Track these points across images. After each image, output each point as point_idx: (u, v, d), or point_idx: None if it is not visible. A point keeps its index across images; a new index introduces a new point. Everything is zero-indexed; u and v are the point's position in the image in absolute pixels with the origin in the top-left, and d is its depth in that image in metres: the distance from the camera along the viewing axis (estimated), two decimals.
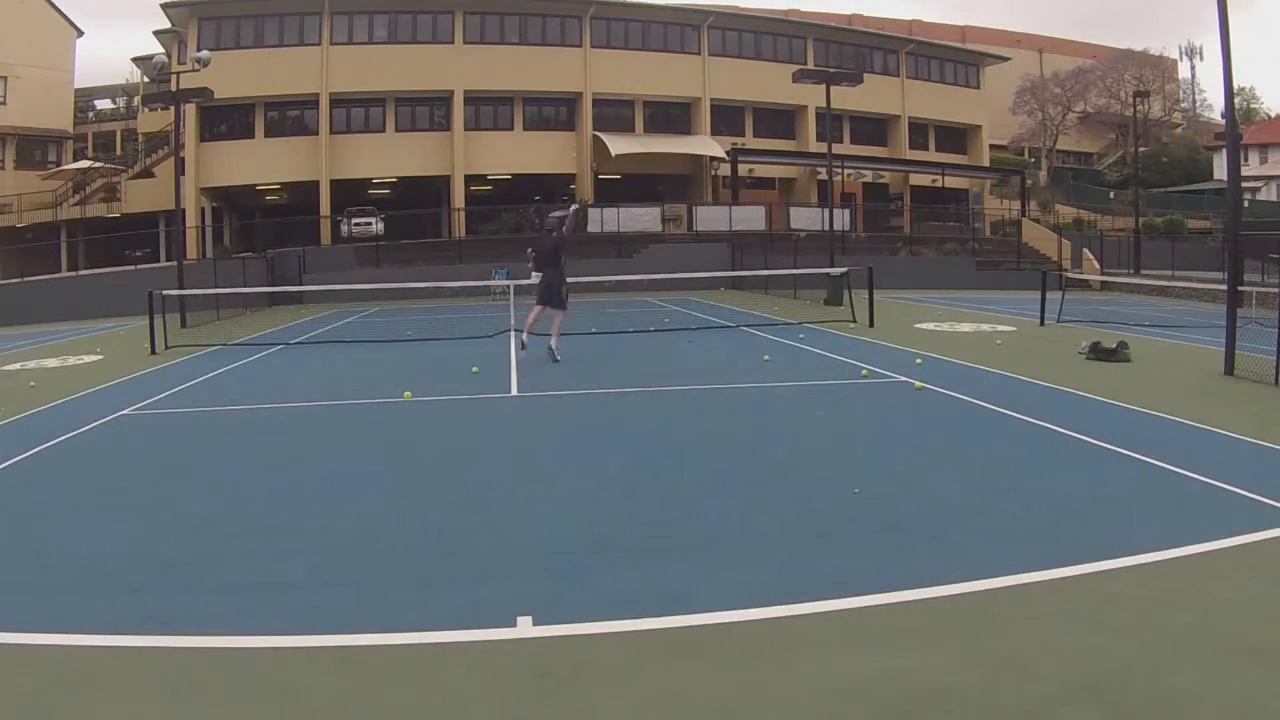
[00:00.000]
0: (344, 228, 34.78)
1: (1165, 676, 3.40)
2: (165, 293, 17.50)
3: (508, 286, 20.77)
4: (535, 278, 24.55)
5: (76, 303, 27.32)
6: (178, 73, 24.41)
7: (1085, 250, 35.87)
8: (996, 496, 5.86)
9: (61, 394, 11.13)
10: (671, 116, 40.86)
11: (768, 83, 39.10)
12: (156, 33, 39.40)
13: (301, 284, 27.52)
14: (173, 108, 27.24)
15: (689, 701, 3.27)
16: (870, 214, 41.79)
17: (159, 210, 36.00)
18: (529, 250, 13.78)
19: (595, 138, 38.13)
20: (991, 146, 47.96)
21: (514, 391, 10.61)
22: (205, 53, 25.47)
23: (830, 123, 27.93)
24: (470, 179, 37.67)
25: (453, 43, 36.99)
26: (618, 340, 15.39)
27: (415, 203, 36.59)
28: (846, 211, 36.97)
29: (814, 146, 39.46)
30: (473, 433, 8.43)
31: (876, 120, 43.59)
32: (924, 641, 3.73)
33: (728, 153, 38.39)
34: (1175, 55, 61.00)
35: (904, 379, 10.64)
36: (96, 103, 50.60)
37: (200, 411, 9.89)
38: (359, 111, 37.61)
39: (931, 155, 44.47)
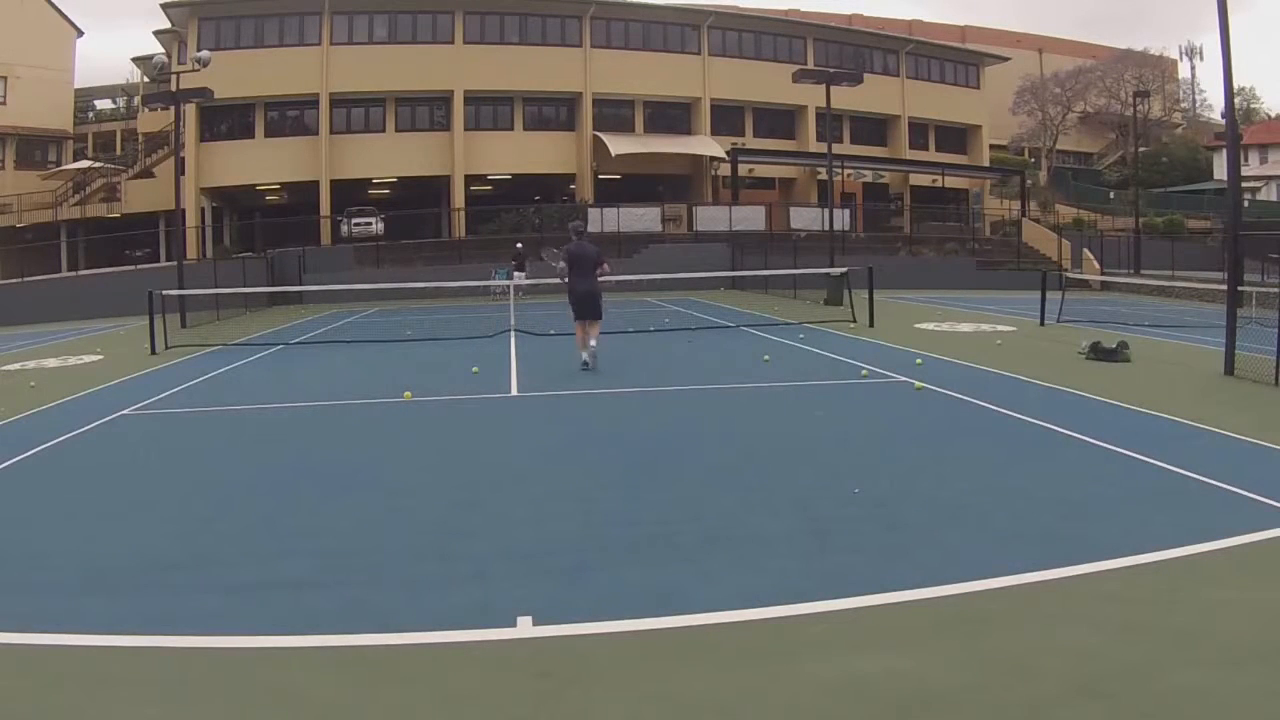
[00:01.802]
0: (344, 228, 34.78)
1: (1165, 676, 3.40)
2: (165, 293, 17.51)
3: (507, 287, 20.76)
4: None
5: (76, 303, 27.32)
6: (178, 73, 24.44)
7: (1085, 250, 35.86)
8: (996, 496, 5.86)
9: (61, 394, 11.14)
10: (671, 116, 40.86)
11: (768, 83, 39.11)
12: (156, 33, 39.42)
13: (301, 284, 27.52)
14: (173, 108, 27.25)
15: (689, 702, 3.27)
16: (870, 214, 41.80)
17: (159, 210, 36.02)
18: (560, 257, 12.29)
19: (595, 138, 38.12)
20: (991, 146, 47.97)
21: (514, 391, 10.61)
22: (205, 53, 25.47)
23: (830, 123, 27.94)
24: (470, 179, 37.68)
25: (453, 43, 37.00)
26: (617, 340, 15.38)
27: (415, 203, 36.60)
28: (846, 211, 36.96)
29: (814, 146, 39.45)
30: (473, 433, 8.42)
31: (876, 120, 43.59)
32: (924, 641, 3.73)
33: (728, 153, 38.38)
34: (1175, 55, 61.10)
35: (904, 379, 10.64)
36: (96, 103, 50.61)
37: (200, 412, 9.89)
38: (359, 111, 37.62)
39: (931, 155, 44.47)
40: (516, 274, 26.24)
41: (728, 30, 40.91)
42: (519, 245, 29.46)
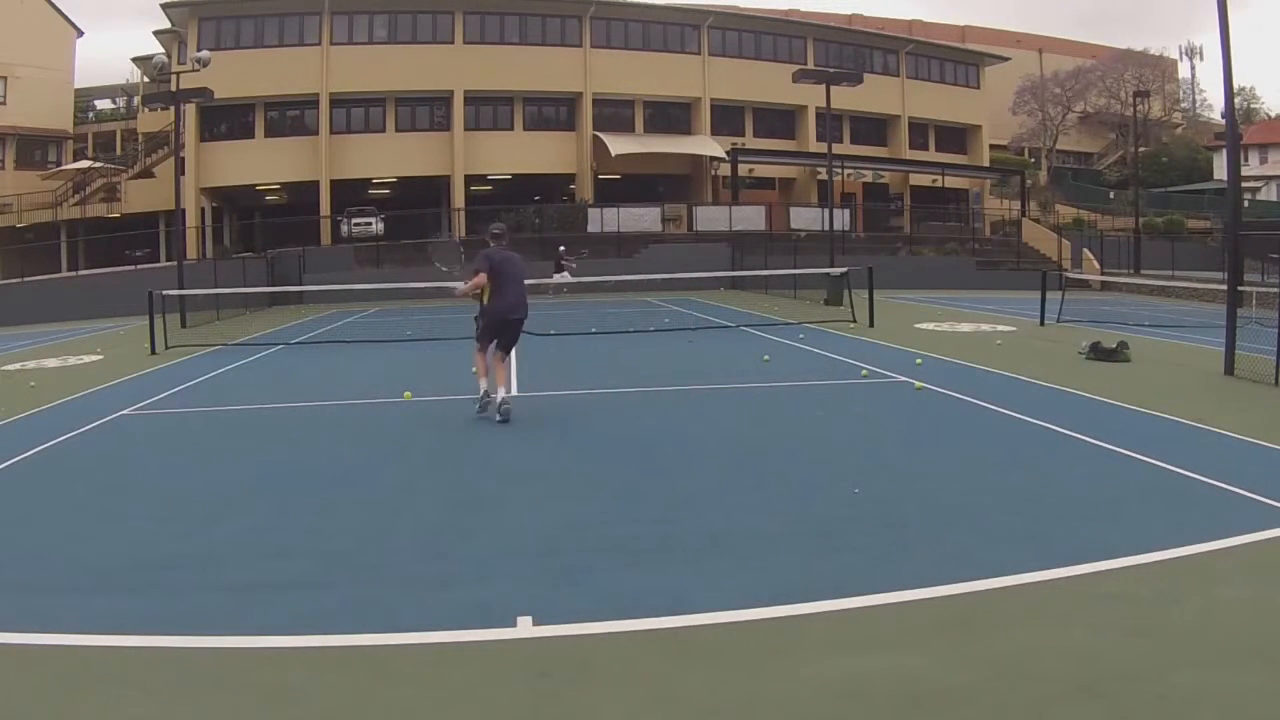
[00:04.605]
0: (344, 228, 34.78)
1: (1165, 676, 3.40)
2: (165, 293, 17.50)
3: None
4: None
5: (76, 303, 27.31)
6: (178, 73, 24.43)
7: (1085, 250, 35.87)
8: (996, 496, 5.85)
9: (61, 394, 11.13)
10: (671, 116, 40.85)
11: (768, 83, 39.09)
12: (156, 33, 39.41)
13: (301, 284, 27.51)
14: (173, 108, 27.24)
15: (689, 702, 3.27)
16: (870, 214, 41.79)
17: (159, 210, 36.02)
18: (476, 264, 8.78)
19: (595, 138, 38.11)
20: (991, 146, 47.95)
21: (514, 391, 10.59)
22: (205, 53, 25.50)
23: (830, 123, 27.92)
24: (470, 179, 37.66)
25: (453, 43, 36.99)
26: (617, 340, 15.38)
27: (415, 203, 36.58)
28: (846, 211, 36.98)
29: (814, 146, 39.44)
30: (473, 433, 8.42)
31: (876, 120, 43.57)
32: (925, 641, 3.73)
33: (728, 153, 38.37)
34: (1175, 55, 61.12)
35: (904, 379, 10.64)
36: (96, 103, 50.59)
37: (200, 412, 9.89)
38: (359, 111, 37.61)
39: (931, 155, 44.46)
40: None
41: (728, 30, 40.90)
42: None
